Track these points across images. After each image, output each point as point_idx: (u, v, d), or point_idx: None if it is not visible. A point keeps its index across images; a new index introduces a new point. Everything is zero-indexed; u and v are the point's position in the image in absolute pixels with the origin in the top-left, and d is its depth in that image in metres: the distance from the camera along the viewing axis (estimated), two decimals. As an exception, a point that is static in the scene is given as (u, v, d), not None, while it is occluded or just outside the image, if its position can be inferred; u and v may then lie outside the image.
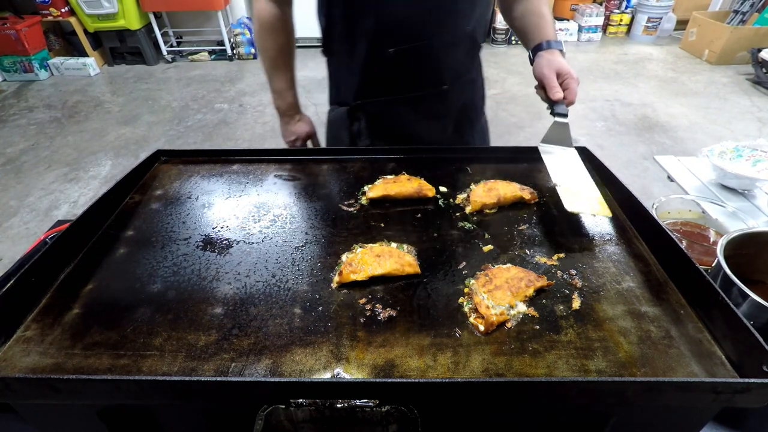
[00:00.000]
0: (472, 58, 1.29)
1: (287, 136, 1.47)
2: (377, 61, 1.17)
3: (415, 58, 1.17)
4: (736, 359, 0.62)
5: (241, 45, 5.81)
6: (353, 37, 1.16)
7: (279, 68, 1.33)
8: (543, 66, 1.06)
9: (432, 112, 1.28)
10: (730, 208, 1.13)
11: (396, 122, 1.29)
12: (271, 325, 0.69)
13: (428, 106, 1.27)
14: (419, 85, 1.23)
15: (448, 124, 1.32)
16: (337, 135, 1.36)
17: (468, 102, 1.34)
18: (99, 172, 3.59)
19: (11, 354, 0.65)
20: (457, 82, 1.26)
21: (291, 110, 1.41)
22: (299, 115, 1.44)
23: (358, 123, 1.30)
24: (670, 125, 4.05)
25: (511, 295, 0.71)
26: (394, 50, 1.14)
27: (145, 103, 4.74)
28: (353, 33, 1.16)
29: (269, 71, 1.34)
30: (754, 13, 5.13)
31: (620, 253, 0.84)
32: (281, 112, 1.42)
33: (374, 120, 1.29)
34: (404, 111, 1.27)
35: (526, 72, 1.39)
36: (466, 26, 1.18)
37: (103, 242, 0.89)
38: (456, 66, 1.24)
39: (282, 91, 1.37)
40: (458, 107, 1.31)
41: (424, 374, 0.61)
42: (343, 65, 1.26)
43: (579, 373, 0.61)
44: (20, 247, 2.82)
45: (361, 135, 1.31)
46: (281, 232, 0.91)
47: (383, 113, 1.28)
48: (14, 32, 4.89)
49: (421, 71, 1.20)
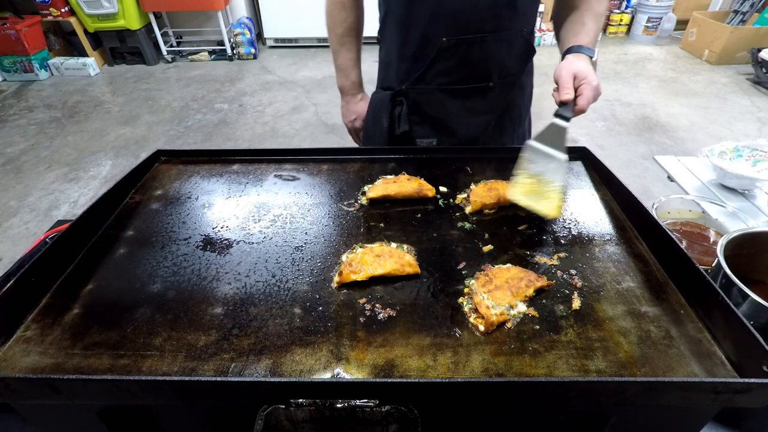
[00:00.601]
0: (524, 62, 1.28)
1: (348, 116, 1.49)
2: (428, 48, 1.18)
3: (466, 50, 1.17)
4: (736, 359, 0.62)
5: (241, 45, 5.81)
6: (410, 23, 1.18)
7: (345, 45, 1.36)
8: (563, 67, 1.01)
9: (473, 106, 1.28)
10: (730, 208, 1.13)
11: (436, 111, 1.29)
12: (271, 325, 0.69)
13: (470, 101, 1.27)
14: (465, 77, 1.23)
15: (489, 121, 1.32)
16: (378, 117, 1.36)
17: (513, 104, 1.33)
18: (99, 172, 3.59)
19: (11, 354, 0.65)
20: (504, 81, 1.26)
21: (354, 89, 1.44)
22: (362, 94, 1.46)
23: (400, 107, 1.30)
24: (670, 125, 4.05)
25: (511, 295, 0.71)
26: (447, 39, 1.15)
27: (145, 103, 4.74)
28: (410, 18, 1.17)
29: (335, 47, 1.37)
30: (754, 13, 5.12)
31: (620, 253, 0.84)
32: (344, 90, 1.45)
33: (416, 106, 1.30)
34: (446, 101, 1.27)
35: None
36: (523, 28, 1.19)
37: (103, 242, 0.89)
38: (506, 66, 1.23)
39: (346, 69, 1.40)
40: (502, 107, 1.31)
41: (424, 374, 0.61)
42: (394, 50, 1.27)
43: (579, 373, 0.61)
44: (20, 247, 2.82)
45: (401, 119, 1.31)
46: (281, 232, 0.91)
47: (425, 101, 1.28)
48: (14, 32, 4.88)
49: (469, 64, 1.20)
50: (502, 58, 1.21)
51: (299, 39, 6.09)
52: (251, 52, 5.85)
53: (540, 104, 1.12)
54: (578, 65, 1.00)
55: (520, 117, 1.38)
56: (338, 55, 1.38)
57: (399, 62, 1.26)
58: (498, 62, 1.21)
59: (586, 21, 1.12)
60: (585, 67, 0.99)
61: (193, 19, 6.03)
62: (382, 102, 1.32)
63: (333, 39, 1.36)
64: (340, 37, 1.34)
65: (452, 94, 1.26)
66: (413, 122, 1.31)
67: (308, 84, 4.90)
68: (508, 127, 1.36)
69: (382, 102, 1.32)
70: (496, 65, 1.22)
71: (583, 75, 0.98)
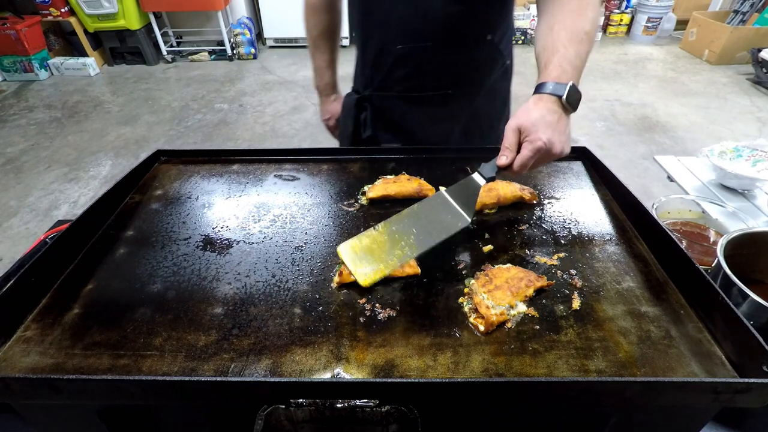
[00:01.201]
0: (492, 68, 1.24)
1: (323, 115, 1.53)
2: (385, 56, 1.18)
3: (420, 58, 1.17)
4: (736, 359, 0.62)
5: (241, 45, 5.81)
6: (366, 31, 1.19)
7: (319, 48, 1.38)
8: (512, 116, 0.83)
9: (434, 114, 1.28)
10: (730, 208, 1.13)
11: (399, 117, 1.29)
12: (271, 325, 0.69)
13: (431, 108, 1.27)
14: (423, 85, 1.22)
15: (454, 128, 1.31)
16: (346, 120, 1.38)
17: (481, 111, 1.31)
18: (99, 172, 3.59)
19: (11, 354, 0.65)
20: (466, 89, 1.24)
21: (327, 90, 1.47)
22: (336, 94, 1.49)
23: (365, 112, 1.32)
24: (670, 125, 4.05)
25: (511, 295, 0.71)
26: (401, 48, 1.15)
27: (145, 103, 4.74)
28: (366, 27, 1.18)
29: (311, 50, 1.41)
30: (754, 13, 5.12)
31: (620, 253, 0.84)
32: (319, 91, 1.48)
33: (379, 112, 1.30)
34: (407, 108, 1.27)
35: (526, 72, 1.39)
36: (486, 34, 1.15)
37: (103, 242, 0.89)
38: (465, 73, 1.21)
39: (320, 70, 1.43)
40: (467, 114, 1.29)
41: (424, 374, 0.61)
42: (360, 55, 1.29)
43: (579, 373, 0.61)
44: (20, 247, 2.82)
45: (366, 124, 1.33)
46: (281, 232, 0.91)
47: (387, 107, 1.29)
48: (14, 32, 4.88)
49: (425, 72, 1.20)
50: (460, 66, 1.19)
51: (299, 39, 6.09)
52: (251, 52, 5.85)
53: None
54: (529, 116, 0.80)
55: (490, 124, 1.35)
56: (313, 57, 1.41)
57: (363, 68, 1.28)
58: (455, 70, 1.19)
59: (561, 46, 0.86)
60: (536, 118, 0.79)
61: (193, 19, 6.03)
62: (349, 106, 1.35)
63: (309, 41, 1.39)
64: (314, 40, 1.37)
65: (412, 102, 1.26)
66: (377, 128, 1.32)
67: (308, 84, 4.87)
68: (477, 134, 1.33)
69: (349, 106, 1.35)
70: (454, 73, 1.20)
71: (527, 130, 0.79)
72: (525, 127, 0.80)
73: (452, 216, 0.82)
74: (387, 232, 0.82)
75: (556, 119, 0.80)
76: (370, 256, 0.79)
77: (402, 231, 0.82)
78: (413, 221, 0.83)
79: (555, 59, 0.84)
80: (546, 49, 0.88)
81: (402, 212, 0.85)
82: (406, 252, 0.78)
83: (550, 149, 0.79)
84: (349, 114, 1.35)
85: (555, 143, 0.79)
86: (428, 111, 1.27)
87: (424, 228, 0.81)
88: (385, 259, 0.78)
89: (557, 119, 0.80)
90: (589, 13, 0.89)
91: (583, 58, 0.86)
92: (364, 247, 0.80)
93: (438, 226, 0.81)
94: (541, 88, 0.83)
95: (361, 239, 0.82)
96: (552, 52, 0.85)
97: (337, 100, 1.49)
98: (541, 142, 0.78)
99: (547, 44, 0.88)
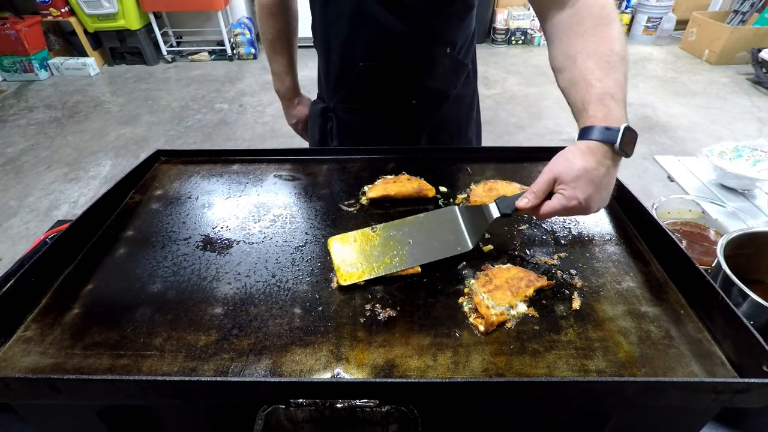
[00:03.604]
0: (454, 79, 1.24)
1: (289, 119, 1.53)
2: (347, 71, 1.18)
3: (383, 73, 1.16)
4: (736, 359, 0.62)
5: (241, 45, 5.81)
6: (328, 46, 1.18)
7: (277, 51, 1.37)
8: (552, 160, 0.74)
9: (400, 124, 1.27)
10: (730, 208, 1.13)
11: (364, 129, 1.29)
12: (271, 325, 0.69)
13: (397, 119, 1.26)
14: (387, 98, 1.22)
15: (420, 137, 1.30)
16: (313, 129, 1.38)
17: (447, 118, 1.30)
18: (99, 172, 3.59)
19: (11, 354, 0.65)
20: (430, 99, 1.24)
21: (289, 93, 1.45)
22: (298, 98, 1.48)
23: (330, 122, 1.32)
24: (670, 125, 4.05)
25: (511, 295, 0.71)
26: (364, 65, 1.14)
27: (145, 103, 4.74)
28: (328, 42, 1.18)
29: (268, 54, 1.39)
30: (754, 13, 5.12)
31: (620, 253, 0.84)
32: (281, 95, 1.46)
33: (344, 123, 1.30)
34: (373, 120, 1.27)
35: (526, 72, 1.39)
36: (446, 48, 1.15)
37: (103, 242, 0.89)
38: (428, 85, 1.20)
39: (280, 74, 1.41)
40: (432, 123, 1.29)
41: (424, 374, 0.61)
42: (323, 67, 1.28)
43: (579, 373, 0.61)
44: (20, 247, 2.82)
45: (333, 134, 1.33)
46: (281, 232, 0.91)
47: (352, 118, 1.28)
48: (14, 32, 4.88)
49: (388, 86, 1.19)
50: (423, 79, 1.18)
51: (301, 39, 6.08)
52: (251, 52, 5.86)
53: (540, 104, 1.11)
54: (571, 167, 0.70)
55: (458, 129, 1.35)
56: (272, 60, 1.39)
57: (326, 80, 1.27)
58: (418, 83, 1.19)
59: (594, 78, 0.73)
60: (580, 171, 0.69)
61: (193, 19, 6.03)
62: (315, 115, 1.35)
63: (265, 45, 1.37)
64: (271, 43, 1.35)
65: (376, 113, 1.25)
66: (343, 137, 1.32)
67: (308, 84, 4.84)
68: (446, 141, 1.33)
69: (315, 115, 1.35)
70: (417, 86, 1.19)
71: (565, 184, 0.70)
72: (562, 180, 0.71)
73: (455, 237, 0.80)
74: (383, 236, 0.82)
75: (602, 174, 0.70)
76: (358, 255, 0.79)
77: (398, 239, 0.81)
78: (414, 231, 0.82)
79: (593, 97, 0.72)
80: (575, 85, 0.76)
81: (406, 219, 0.84)
82: (394, 262, 0.78)
83: (585, 209, 0.71)
84: (316, 123, 1.34)
85: (593, 204, 0.71)
86: (393, 122, 1.27)
87: (422, 242, 0.80)
88: (371, 263, 0.78)
89: (604, 173, 0.70)
90: (613, 28, 0.76)
91: (623, 86, 0.74)
92: (355, 246, 0.80)
93: (437, 244, 0.80)
94: (587, 134, 0.70)
95: (355, 236, 0.82)
96: (586, 89, 0.73)
97: (301, 103, 1.48)
98: (577, 202, 0.70)
99: (575, 78, 0.76)
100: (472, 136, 1.43)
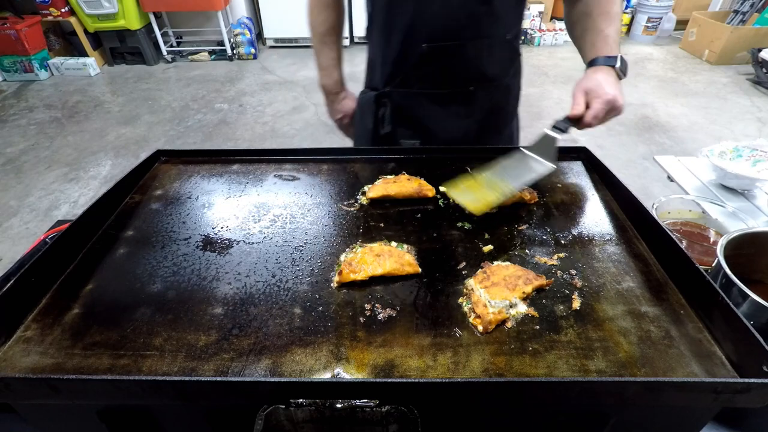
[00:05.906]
0: (509, 66, 1.28)
1: (334, 114, 1.50)
2: (409, 53, 1.19)
3: (446, 57, 1.18)
4: (736, 359, 0.62)
5: (241, 45, 5.81)
6: (391, 28, 1.19)
7: (326, 44, 1.36)
8: (577, 83, 1.01)
9: (456, 110, 1.28)
10: (730, 208, 1.13)
11: (419, 114, 1.30)
12: (271, 325, 0.69)
13: (453, 105, 1.27)
14: (446, 83, 1.23)
15: (472, 124, 1.32)
16: (364, 118, 1.37)
17: (498, 107, 1.33)
18: (99, 172, 3.59)
19: (11, 354, 0.65)
20: (486, 86, 1.25)
21: (336, 87, 1.44)
22: (344, 92, 1.47)
23: (383, 109, 1.32)
24: (670, 125, 4.05)
25: (508, 291, 0.71)
26: (427, 46, 1.15)
27: (145, 103, 4.74)
28: (391, 24, 1.18)
29: (317, 47, 1.38)
30: (754, 13, 5.13)
31: (620, 253, 0.84)
32: (327, 90, 1.45)
33: (399, 109, 1.30)
34: (428, 105, 1.27)
35: (526, 72, 1.38)
36: (505, 34, 1.18)
37: (103, 242, 0.89)
38: (487, 71, 1.23)
39: (328, 68, 1.40)
40: (485, 110, 1.30)
41: (424, 374, 0.61)
42: (379, 53, 1.28)
43: (579, 373, 0.61)
44: (20, 247, 2.82)
45: (385, 121, 1.32)
46: (281, 232, 0.91)
47: (408, 104, 1.29)
48: (14, 32, 4.89)
49: (449, 70, 1.21)
50: (483, 64, 1.21)
51: (299, 39, 6.09)
52: (251, 52, 5.86)
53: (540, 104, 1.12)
54: (592, 80, 1.00)
55: (505, 119, 1.38)
56: (320, 54, 1.39)
57: (383, 65, 1.27)
58: (478, 68, 1.21)
59: (602, 27, 1.08)
60: (600, 80, 0.99)
61: (193, 19, 6.03)
62: (367, 103, 1.34)
63: (315, 38, 1.37)
64: (321, 37, 1.35)
65: (434, 99, 1.26)
66: (396, 124, 1.32)
67: (308, 84, 4.89)
68: (493, 129, 1.35)
69: (367, 103, 1.34)
70: (477, 71, 1.22)
71: (594, 90, 0.98)
72: (591, 88, 0.98)
73: (537, 164, 0.97)
74: (483, 178, 0.96)
75: (615, 80, 1.01)
76: (472, 191, 0.93)
77: (495, 177, 0.96)
78: (502, 171, 0.97)
79: (600, 39, 1.07)
80: (588, 31, 1.11)
81: (492, 164, 0.99)
82: (506, 190, 0.92)
83: (616, 101, 0.97)
84: (368, 111, 1.34)
85: (619, 97, 0.98)
86: (449, 108, 1.28)
87: (514, 174, 0.95)
88: (487, 196, 0.91)
89: (615, 80, 1.01)
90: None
91: (619, 33, 1.11)
92: (467, 186, 0.95)
93: (525, 171, 0.96)
94: (595, 62, 1.04)
95: (461, 181, 0.96)
96: (596, 34, 1.08)
97: (347, 97, 1.47)
98: (611, 95, 0.97)
99: (588, 27, 1.11)
100: (514, 129, 1.45)
